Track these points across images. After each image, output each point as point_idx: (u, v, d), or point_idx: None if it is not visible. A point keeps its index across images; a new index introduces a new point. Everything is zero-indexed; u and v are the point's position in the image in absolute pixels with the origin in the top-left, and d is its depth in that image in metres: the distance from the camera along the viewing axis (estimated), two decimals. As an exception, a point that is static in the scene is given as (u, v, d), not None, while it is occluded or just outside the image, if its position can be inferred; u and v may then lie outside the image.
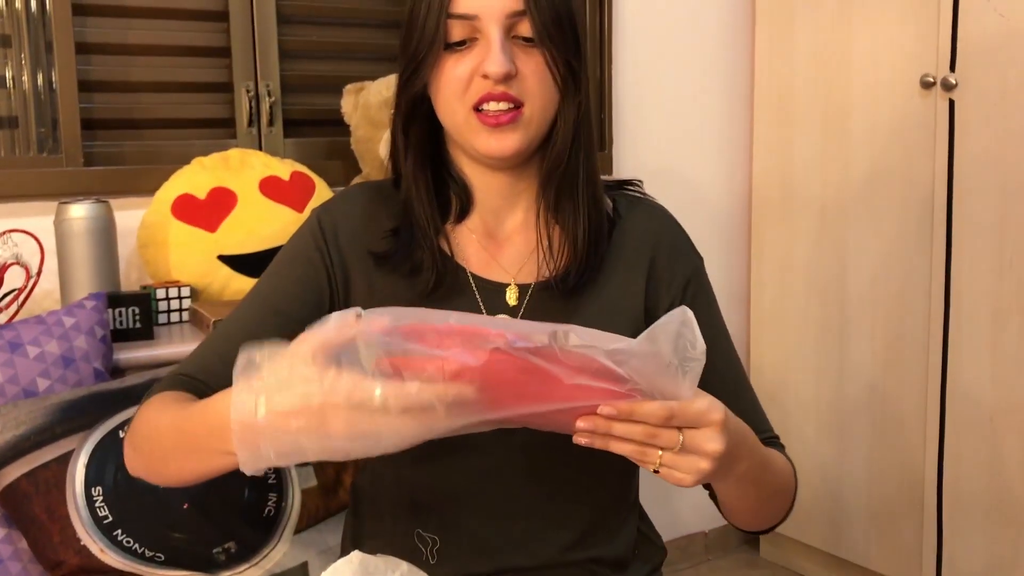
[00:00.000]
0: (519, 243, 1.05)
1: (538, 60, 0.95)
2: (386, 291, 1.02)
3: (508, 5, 0.93)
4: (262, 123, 1.96)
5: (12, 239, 1.63)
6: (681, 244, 1.09)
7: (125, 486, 1.31)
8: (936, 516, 2.09)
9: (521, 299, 1.02)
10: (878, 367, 2.19)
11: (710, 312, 1.08)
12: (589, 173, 1.02)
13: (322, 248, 1.03)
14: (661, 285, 1.05)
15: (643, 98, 2.41)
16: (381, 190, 1.07)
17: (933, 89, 2.00)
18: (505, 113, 0.95)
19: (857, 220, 2.21)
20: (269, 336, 0.98)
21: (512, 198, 1.04)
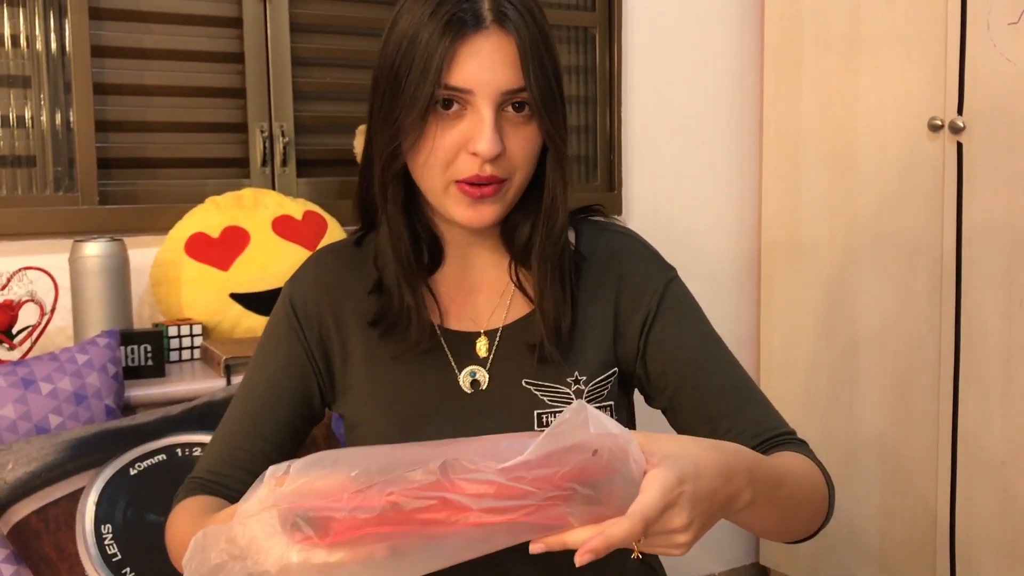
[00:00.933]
0: (488, 291, 1.04)
1: (525, 133, 0.93)
2: (356, 351, 1.03)
3: (505, 82, 0.91)
4: (275, 163, 1.98)
5: (27, 276, 1.64)
6: (646, 264, 1.05)
7: (134, 524, 1.31)
8: (949, 561, 2.07)
9: (490, 347, 1.02)
10: (888, 411, 2.18)
11: (690, 319, 1.03)
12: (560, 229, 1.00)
13: (296, 327, 1.03)
14: (630, 310, 1.02)
15: (652, 141, 2.43)
16: (341, 252, 1.07)
17: (941, 132, 2.02)
18: (488, 186, 0.93)
19: (866, 263, 2.21)
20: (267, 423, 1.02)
21: (479, 243, 1.03)
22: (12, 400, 1.38)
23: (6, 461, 1.31)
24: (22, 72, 1.78)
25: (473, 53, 0.90)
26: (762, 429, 0.99)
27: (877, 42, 2.15)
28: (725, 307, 2.54)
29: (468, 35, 0.90)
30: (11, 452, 1.32)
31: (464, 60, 0.90)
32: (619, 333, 1.02)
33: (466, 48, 0.90)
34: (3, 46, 1.76)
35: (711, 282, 2.51)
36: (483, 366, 1.01)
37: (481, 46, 0.90)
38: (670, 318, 1.02)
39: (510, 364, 1.01)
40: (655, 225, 2.40)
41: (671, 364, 1.01)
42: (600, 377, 1.01)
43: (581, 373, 1.00)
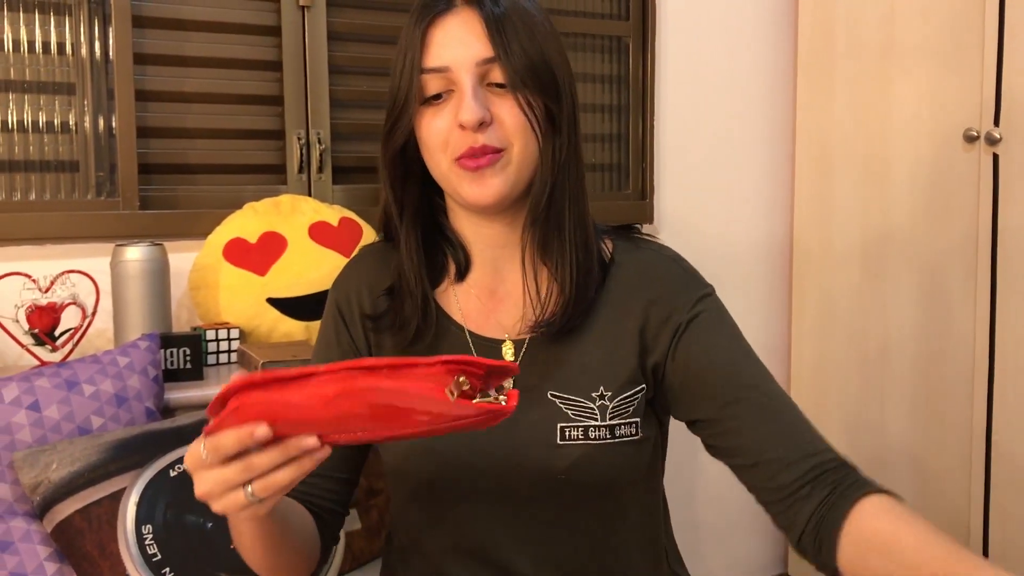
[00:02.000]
0: (516, 297, 1.05)
1: (511, 104, 0.95)
2: (385, 342, 1.05)
3: (478, 53, 0.94)
4: (312, 169, 2.00)
5: (70, 279, 1.67)
6: (681, 281, 1.03)
7: (174, 525, 1.33)
8: (981, 575, 2.05)
9: (517, 354, 1.02)
10: (920, 422, 2.17)
11: (724, 334, 1.01)
12: (578, 216, 1.00)
13: (340, 327, 1.07)
14: (659, 325, 1.01)
15: (685, 148, 2.43)
16: (381, 252, 1.10)
17: (977, 143, 2.01)
18: (484, 156, 0.95)
19: (898, 273, 2.20)
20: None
21: (509, 248, 1.04)
22: (57, 401, 1.41)
23: (51, 461, 1.34)
24: (67, 79, 1.82)
25: (443, 32, 0.96)
26: (808, 456, 0.94)
27: (911, 52, 2.14)
28: (756, 316, 2.54)
29: (439, 17, 0.96)
30: (55, 452, 1.35)
31: (437, 41, 0.95)
32: (645, 348, 1.01)
33: (438, 30, 0.96)
34: (49, 53, 1.80)
35: (742, 290, 2.51)
36: None
37: (450, 24, 0.96)
38: (701, 331, 1.00)
39: (536, 373, 1.01)
40: (686, 233, 2.40)
41: (699, 378, 0.98)
42: (627, 393, 1.00)
43: (607, 388, 1.00)
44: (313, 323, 1.80)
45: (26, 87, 1.79)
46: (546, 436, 0.98)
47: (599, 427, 0.98)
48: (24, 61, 1.78)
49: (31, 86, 1.79)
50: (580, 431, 0.98)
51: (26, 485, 1.33)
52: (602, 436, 0.98)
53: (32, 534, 1.34)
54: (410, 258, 1.03)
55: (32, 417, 1.39)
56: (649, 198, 2.37)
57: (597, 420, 0.99)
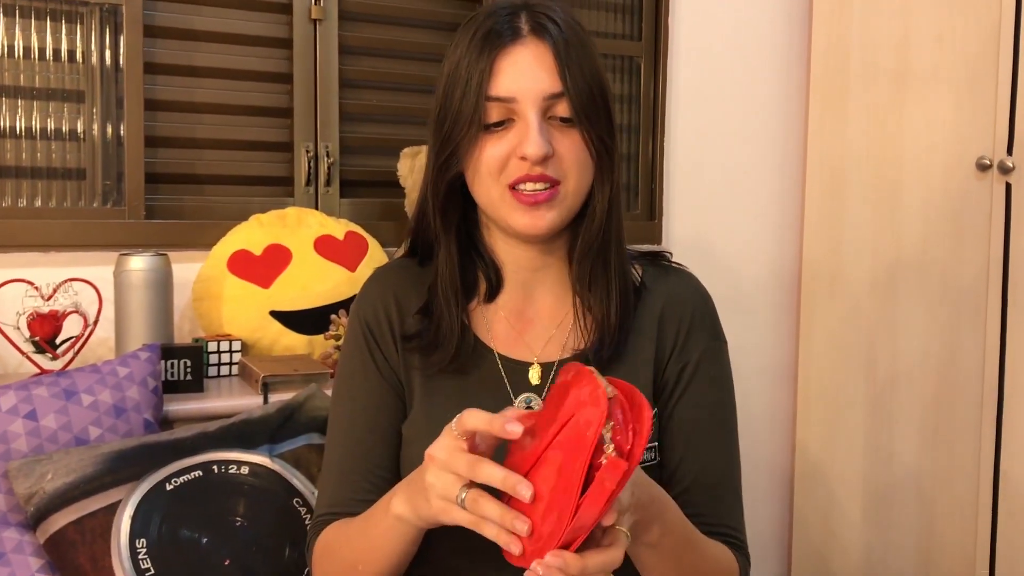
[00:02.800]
0: (546, 320, 1.05)
1: (574, 139, 0.96)
2: (414, 362, 1.04)
3: (546, 87, 0.94)
4: (320, 183, 2.00)
5: (72, 287, 1.66)
6: (699, 320, 1.07)
7: (168, 540, 1.31)
8: (987, 608, 2.02)
9: (544, 377, 1.02)
10: (927, 451, 2.14)
11: (714, 398, 1.06)
12: (619, 248, 1.03)
13: (374, 347, 1.06)
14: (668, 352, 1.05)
15: (695, 169, 2.42)
16: (407, 270, 1.09)
17: (990, 172, 1.99)
18: (542, 192, 0.95)
19: (908, 300, 2.18)
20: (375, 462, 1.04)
21: (542, 271, 1.05)
22: (54, 411, 1.40)
23: (46, 471, 1.32)
24: (76, 87, 1.82)
25: (512, 63, 0.95)
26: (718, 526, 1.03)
27: (925, 78, 2.13)
28: (763, 339, 2.52)
29: (506, 47, 0.95)
30: (51, 462, 1.34)
31: (504, 70, 0.94)
32: (656, 372, 1.04)
33: (505, 59, 0.95)
34: (59, 60, 1.80)
35: (750, 313, 2.49)
36: (539, 395, 1.02)
37: (519, 55, 0.95)
38: (697, 391, 1.04)
39: None
40: (694, 255, 2.38)
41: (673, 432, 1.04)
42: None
43: None
44: (316, 337, 1.78)
45: (35, 94, 1.79)
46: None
47: None
48: (34, 68, 1.78)
49: (40, 93, 1.79)
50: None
51: (20, 495, 1.32)
52: None
53: (25, 545, 1.33)
54: (449, 277, 1.03)
55: (29, 426, 1.38)
56: (658, 219, 2.36)
57: None
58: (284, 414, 1.48)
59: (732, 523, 1.05)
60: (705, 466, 1.03)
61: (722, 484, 1.05)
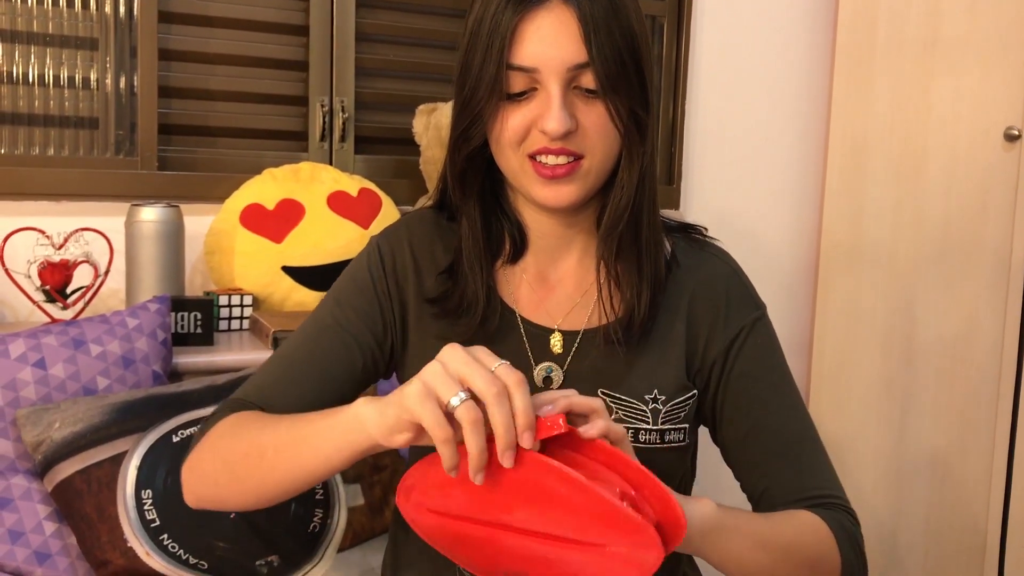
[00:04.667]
0: (569, 288, 1.02)
1: (600, 112, 0.91)
2: (435, 329, 1.00)
3: (570, 57, 0.88)
4: (334, 138, 1.97)
5: (84, 237, 1.65)
6: (736, 294, 1.02)
7: (174, 491, 1.31)
8: (996, 585, 2.01)
9: (567, 347, 0.99)
10: (943, 426, 2.12)
11: (766, 365, 1.01)
12: (652, 223, 0.98)
13: (380, 278, 1.02)
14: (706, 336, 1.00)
15: (715, 136, 2.38)
16: (436, 223, 1.05)
17: (1017, 143, 1.95)
18: (562, 166, 0.91)
19: (929, 275, 2.14)
20: (332, 364, 0.98)
21: (567, 241, 1.02)
22: (62, 360, 1.39)
23: (54, 420, 1.32)
24: (89, 34, 1.79)
25: (536, 29, 0.89)
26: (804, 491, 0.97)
27: (955, 47, 2.08)
28: (778, 311, 2.47)
29: (531, 11, 0.89)
30: (59, 411, 1.33)
31: (527, 37, 0.89)
32: (693, 355, 1.00)
33: (529, 25, 0.89)
34: (72, 8, 1.77)
35: (766, 284, 2.44)
36: (559, 365, 0.99)
37: (543, 20, 0.89)
38: (747, 362, 1.00)
39: (587, 369, 0.98)
40: (711, 221, 2.33)
41: (732, 408, 1.00)
42: (680, 398, 0.98)
43: (661, 392, 0.97)
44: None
45: (48, 40, 1.76)
46: None
47: (650, 431, 0.97)
48: (47, 15, 1.75)
49: (53, 39, 1.77)
50: (630, 433, 0.96)
51: (28, 443, 1.32)
52: (652, 440, 0.97)
53: (32, 492, 1.33)
54: (473, 241, 0.99)
55: (37, 375, 1.37)
56: (676, 183, 2.33)
57: (648, 423, 0.97)
58: (293, 369, 1.47)
59: (820, 484, 0.98)
60: (775, 433, 0.99)
61: (798, 446, 0.99)
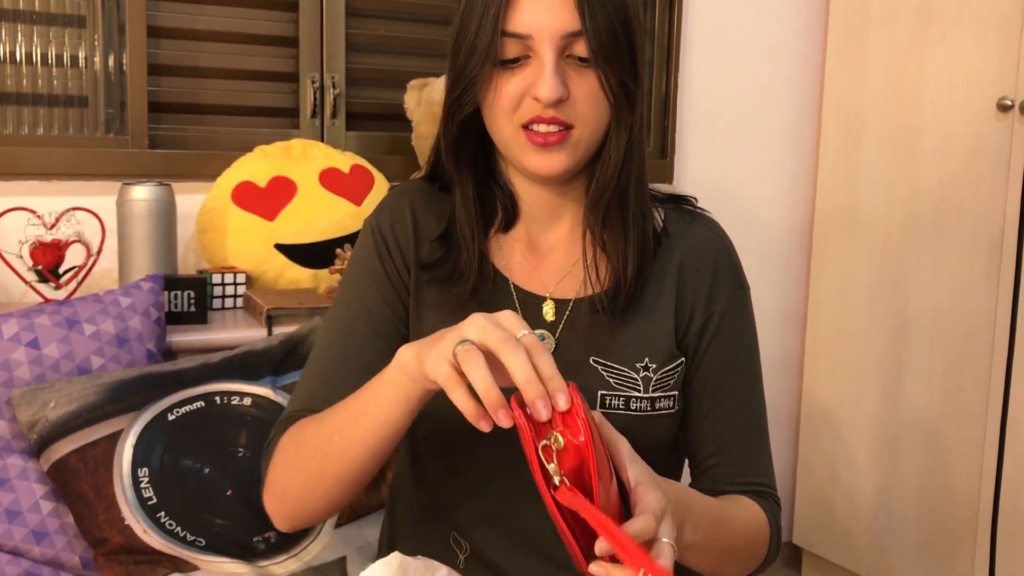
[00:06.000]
0: (560, 256, 1.03)
1: (591, 81, 0.92)
2: (429, 296, 1.02)
3: (564, 25, 0.89)
4: (325, 115, 1.96)
5: (75, 217, 1.65)
6: (723, 267, 1.04)
7: (171, 469, 1.31)
8: (989, 551, 2.02)
9: (559, 315, 1.00)
10: (936, 396, 2.13)
11: (739, 349, 1.03)
12: (639, 194, 0.99)
13: (384, 257, 1.03)
14: (692, 303, 1.02)
15: (709, 108, 2.37)
16: (427, 193, 1.06)
17: (1010, 113, 1.94)
18: (554, 134, 0.92)
19: (922, 245, 2.15)
20: (369, 358, 0.99)
21: (557, 210, 1.03)
22: (56, 339, 1.39)
23: (48, 399, 1.32)
24: (77, 12, 1.78)
25: None
26: (744, 478, 1.02)
27: (949, 17, 2.07)
28: (773, 282, 2.50)
29: None
30: (54, 391, 1.33)
31: (522, 4, 0.90)
32: (679, 324, 1.01)
33: None
34: (59, -15, 1.76)
35: (759, 256, 2.46)
36: (552, 332, 1.00)
37: None
38: (722, 343, 1.02)
39: (579, 337, 0.99)
40: (705, 195, 2.33)
41: (699, 385, 1.02)
42: (670, 366, 1.00)
43: (652, 360, 0.99)
44: (321, 271, 1.77)
45: (35, 18, 1.75)
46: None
47: (641, 398, 0.98)
48: (34, -8, 1.74)
49: (41, 17, 1.75)
50: (621, 401, 0.97)
51: (23, 423, 1.32)
52: (643, 408, 0.98)
53: (29, 472, 1.33)
54: (466, 209, 1.00)
55: (31, 355, 1.37)
56: (670, 157, 2.32)
57: (640, 391, 0.98)
58: (288, 346, 1.48)
59: (762, 474, 1.03)
60: (733, 418, 1.02)
61: (751, 435, 1.04)
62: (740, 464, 1.02)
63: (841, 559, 2.37)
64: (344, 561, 1.36)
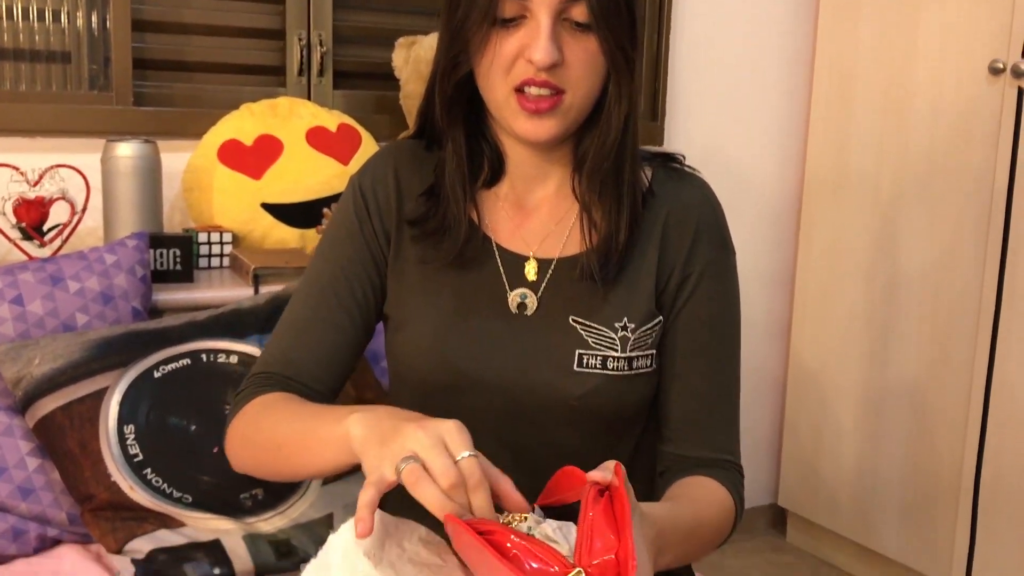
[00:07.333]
0: (545, 215, 1.02)
1: (587, 47, 0.91)
2: (413, 253, 1.01)
3: None
4: (312, 73, 1.94)
5: (59, 174, 1.63)
6: (706, 229, 1.02)
7: (157, 426, 1.31)
8: (971, 513, 2.04)
9: (541, 274, 1.00)
10: (922, 359, 2.14)
11: (719, 314, 1.02)
12: (634, 163, 0.99)
13: (364, 218, 1.03)
14: (672, 262, 1.01)
15: (700, 69, 2.36)
16: (413, 151, 1.05)
17: (1002, 76, 1.93)
18: (545, 99, 0.92)
19: (912, 208, 2.15)
20: (341, 317, 1.01)
21: (544, 170, 1.02)
22: (40, 296, 1.38)
23: (33, 356, 1.32)
24: (59, -35, 1.75)
25: None
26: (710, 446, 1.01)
27: (942, -23, 2.05)
28: (762, 244, 2.49)
29: None
30: (38, 347, 1.33)
31: None
32: (659, 281, 1.01)
33: None
34: (41, -63, 1.73)
35: (749, 218, 2.46)
36: (534, 291, 1.00)
37: None
38: (701, 305, 1.01)
39: (560, 297, 0.99)
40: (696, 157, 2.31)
41: (672, 346, 1.01)
42: (647, 325, 1.00)
43: (630, 320, 0.98)
44: (308, 231, 1.76)
45: (17, -28, 1.72)
46: (563, 361, 0.97)
47: (618, 358, 0.98)
48: (15, -56, 1.71)
49: (22, -29, 1.72)
50: (599, 360, 0.97)
51: (8, 379, 1.31)
52: (620, 367, 0.98)
53: (14, 428, 1.33)
54: (456, 166, 1.00)
55: (15, 311, 1.36)
56: (660, 120, 2.31)
57: (617, 351, 0.98)
58: (275, 305, 1.47)
59: (728, 448, 1.02)
60: (702, 383, 1.01)
61: (721, 403, 1.02)
62: (705, 431, 1.01)
63: (825, 521, 2.40)
64: (331, 518, 1.36)
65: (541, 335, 0.98)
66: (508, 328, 0.99)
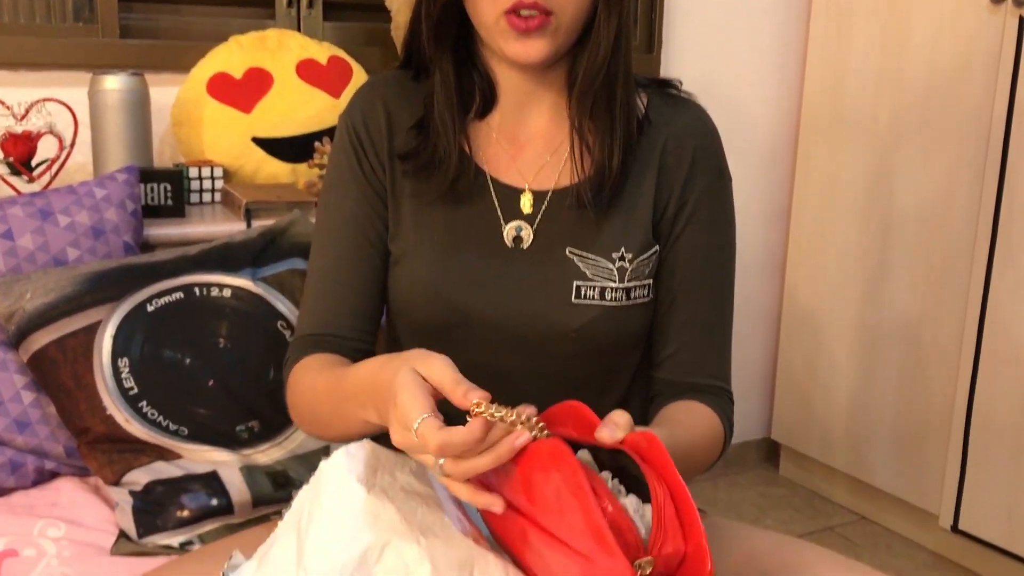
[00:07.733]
0: (539, 146, 1.01)
1: None
2: (406, 188, 1.01)
3: None
4: (301, 4, 1.90)
5: (46, 108, 1.60)
6: (702, 156, 1.02)
7: (151, 360, 1.31)
8: (962, 448, 2.07)
9: (537, 206, 0.99)
10: (917, 295, 2.14)
11: (714, 241, 1.02)
12: (627, 83, 0.97)
13: (360, 155, 1.02)
14: (669, 189, 1.00)
15: (696, 3, 2.32)
16: (399, 83, 1.04)
17: (1003, 5, 1.90)
18: (534, 19, 0.90)
19: (909, 145, 2.13)
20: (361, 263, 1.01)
21: (536, 98, 1.01)
22: (30, 231, 1.37)
23: (25, 290, 1.31)
24: None
25: None
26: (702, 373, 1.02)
27: (945, -96, 2.01)
28: (758, 181, 2.48)
29: None
30: (30, 282, 1.32)
31: None
32: (656, 209, 1.00)
33: None
34: None
35: (745, 153, 2.44)
36: (529, 224, 0.99)
37: None
38: (697, 231, 1.01)
39: (556, 229, 0.99)
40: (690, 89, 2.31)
41: (668, 272, 1.01)
42: (645, 255, 0.99)
43: (628, 250, 0.98)
44: (299, 165, 1.74)
45: (-4, -101, 1.67)
46: (561, 293, 0.97)
47: (616, 289, 0.98)
48: None
49: (1, -102, 1.68)
50: (596, 291, 0.97)
51: (0, 314, 1.31)
52: (618, 298, 0.98)
53: (8, 362, 1.33)
54: (445, 97, 0.98)
55: (5, 246, 1.35)
56: (656, 52, 2.27)
57: (615, 282, 0.98)
58: (267, 238, 1.46)
59: (720, 374, 1.03)
60: (697, 308, 1.01)
61: (714, 329, 1.03)
62: (698, 357, 1.02)
63: (818, 454, 2.42)
64: (328, 450, 1.37)
65: (538, 268, 0.98)
66: (504, 262, 0.98)
